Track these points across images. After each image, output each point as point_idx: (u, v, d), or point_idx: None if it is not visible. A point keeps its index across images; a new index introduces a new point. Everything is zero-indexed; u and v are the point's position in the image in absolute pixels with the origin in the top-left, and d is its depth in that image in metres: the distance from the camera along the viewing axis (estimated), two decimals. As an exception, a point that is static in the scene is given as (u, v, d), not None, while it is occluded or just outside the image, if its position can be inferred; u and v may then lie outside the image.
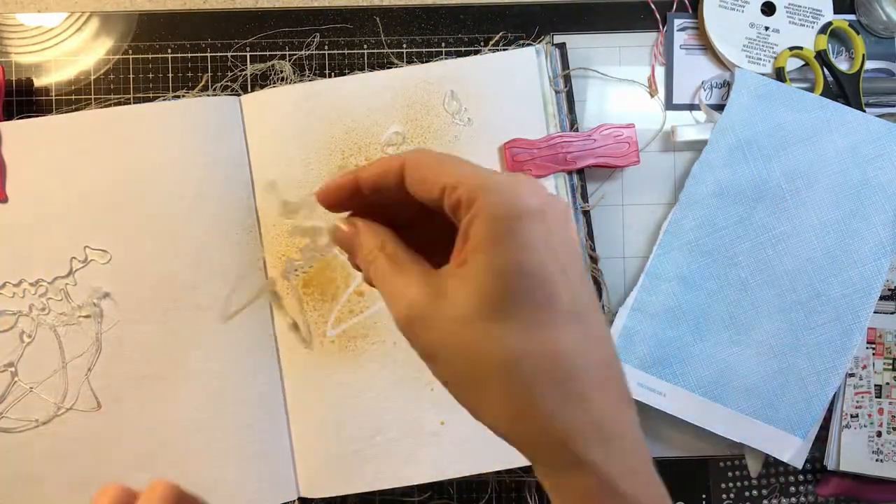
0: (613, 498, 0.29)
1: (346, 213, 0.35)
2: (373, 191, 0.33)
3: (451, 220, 0.31)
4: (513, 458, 0.56)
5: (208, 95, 0.58)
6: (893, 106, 0.59)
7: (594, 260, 0.57)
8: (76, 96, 0.59)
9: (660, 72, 0.60)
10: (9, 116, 0.57)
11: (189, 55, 0.59)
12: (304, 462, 0.56)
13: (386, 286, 0.32)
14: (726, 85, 0.59)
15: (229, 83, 0.59)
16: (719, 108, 0.58)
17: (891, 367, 0.57)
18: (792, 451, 0.56)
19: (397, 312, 0.31)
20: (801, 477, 0.59)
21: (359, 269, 0.35)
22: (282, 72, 0.59)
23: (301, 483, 0.56)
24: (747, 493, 0.59)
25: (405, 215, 0.34)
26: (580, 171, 0.57)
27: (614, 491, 0.29)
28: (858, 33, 0.59)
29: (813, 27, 0.59)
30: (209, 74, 0.59)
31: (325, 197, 0.35)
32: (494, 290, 0.29)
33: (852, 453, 0.57)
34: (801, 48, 0.59)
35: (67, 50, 0.59)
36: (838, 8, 0.60)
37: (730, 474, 0.60)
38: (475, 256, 0.29)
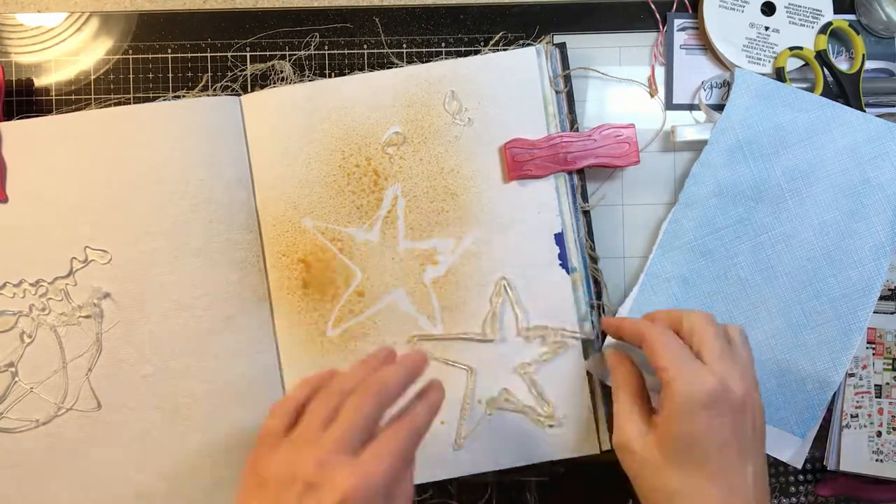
0: None
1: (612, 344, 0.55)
2: (628, 338, 0.51)
3: None
4: (513, 459, 0.56)
5: (208, 95, 0.58)
6: (893, 106, 0.59)
7: (594, 260, 0.57)
8: (76, 96, 0.59)
9: (660, 72, 0.60)
10: (9, 116, 0.57)
11: (189, 55, 0.59)
12: (304, 462, 0.56)
13: (614, 413, 0.49)
14: (726, 85, 0.59)
15: (229, 83, 0.59)
16: (719, 108, 0.58)
17: (891, 367, 0.57)
18: (791, 450, 0.56)
19: (616, 439, 0.48)
20: (801, 477, 0.59)
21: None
22: (282, 72, 0.59)
23: (301, 483, 0.56)
24: (747, 493, 0.59)
25: None
26: (580, 171, 0.57)
27: None
28: (858, 33, 0.59)
29: (813, 27, 0.59)
30: (209, 74, 0.59)
31: (608, 329, 0.54)
32: (671, 448, 0.45)
33: (852, 453, 0.57)
34: (801, 48, 0.59)
35: (67, 50, 0.59)
36: (838, 8, 0.60)
37: (730, 474, 0.60)
38: (665, 423, 0.45)
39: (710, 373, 0.45)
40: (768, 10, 0.60)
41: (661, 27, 0.60)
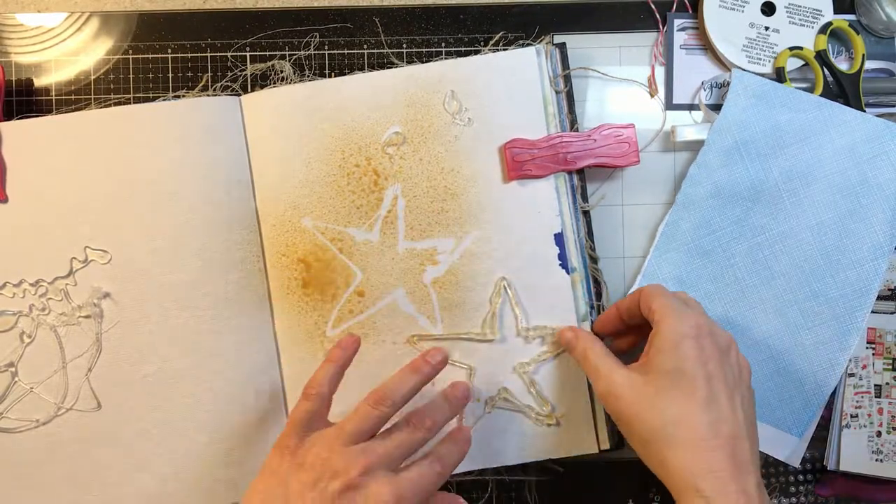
0: None
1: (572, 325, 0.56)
2: (625, 312, 0.53)
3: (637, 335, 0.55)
4: (512, 457, 0.56)
5: (208, 95, 0.58)
6: (893, 106, 0.59)
7: (594, 260, 0.57)
8: (76, 96, 0.59)
9: (660, 72, 0.60)
10: (9, 116, 0.57)
11: (189, 55, 0.59)
12: (304, 462, 0.56)
13: (593, 372, 0.50)
14: (726, 85, 0.59)
15: (229, 83, 0.59)
16: (719, 108, 0.58)
17: (890, 367, 0.57)
18: (789, 450, 0.56)
19: (600, 388, 0.49)
20: (800, 477, 0.59)
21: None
22: (282, 72, 0.59)
23: (301, 483, 0.56)
24: (747, 493, 0.59)
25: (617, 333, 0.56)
26: (580, 171, 0.57)
27: None
28: (858, 33, 0.59)
29: (813, 27, 0.59)
30: (209, 74, 0.59)
31: (601, 327, 0.55)
32: (662, 381, 0.47)
33: (852, 453, 0.57)
34: (801, 48, 0.59)
35: (67, 50, 0.59)
36: (838, 8, 0.60)
37: (729, 474, 0.60)
38: (654, 357, 0.48)
39: (696, 315, 0.49)
40: (768, 10, 0.60)
41: (661, 27, 0.60)
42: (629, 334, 0.55)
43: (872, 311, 0.56)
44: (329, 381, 0.49)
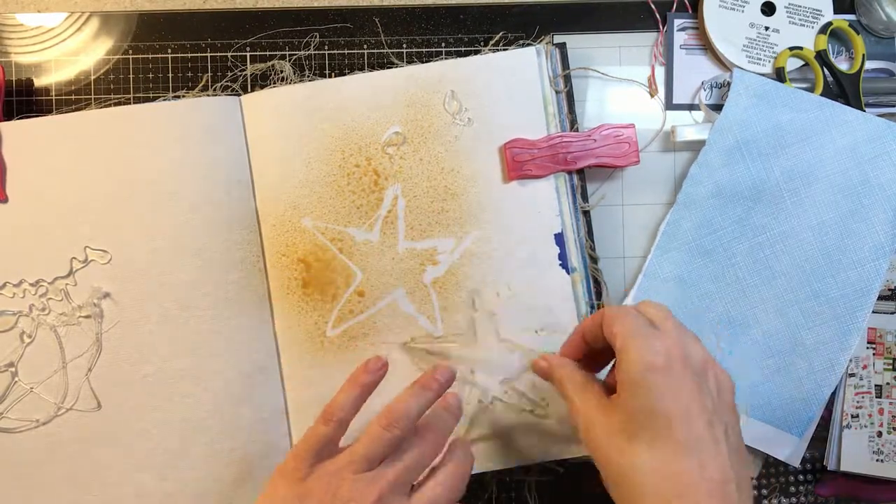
0: None
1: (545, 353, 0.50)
2: (589, 336, 0.46)
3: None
4: (511, 459, 0.56)
5: (208, 95, 0.58)
6: (893, 106, 0.59)
7: (594, 260, 0.57)
8: (76, 96, 0.59)
9: (660, 72, 0.60)
10: (9, 116, 0.57)
11: (189, 55, 0.59)
12: (304, 462, 0.56)
13: (569, 404, 0.45)
14: (726, 85, 0.59)
15: (229, 83, 0.59)
16: (719, 108, 0.58)
17: (891, 367, 0.57)
18: (789, 449, 0.56)
19: (575, 422, 0.44)
20: (800, 477, 0.59)
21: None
22: (282, 72, 0.59)
23: (301, 483, 0.56)
24: (747, 493, 0.59)
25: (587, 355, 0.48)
26: (580, 171, 0.57)
27: None
28: (858, 33, 0.59)
29: (813, 27, 0.59)
30: (209, 74, 0.59)
31: (567, 353, 0.49)
32: (633, 423, 0.41)
33: (853, 453, 0.57)
34: (801, 48, 0.59)
35: (67, 50, 0.59)
36: (838, 8, 0.60)
37: (730, 474, 0.59)
38: (621, 394, 0.41)
39: (664, 337, 0.42)
40: (768, 10, 0.60)
41: (661, 27, 0.60)
42: (599, 357, 0.49)
43: (873, 311, 0.56)
44: (352, 406, 0.47)
